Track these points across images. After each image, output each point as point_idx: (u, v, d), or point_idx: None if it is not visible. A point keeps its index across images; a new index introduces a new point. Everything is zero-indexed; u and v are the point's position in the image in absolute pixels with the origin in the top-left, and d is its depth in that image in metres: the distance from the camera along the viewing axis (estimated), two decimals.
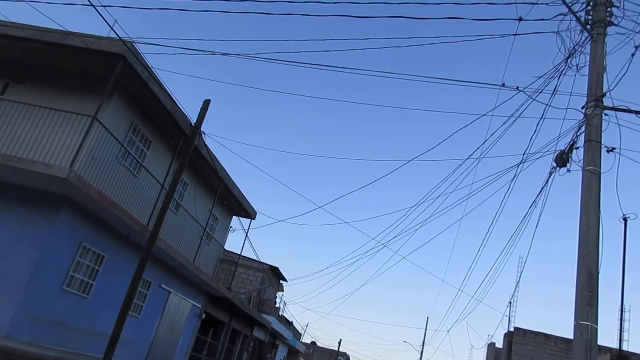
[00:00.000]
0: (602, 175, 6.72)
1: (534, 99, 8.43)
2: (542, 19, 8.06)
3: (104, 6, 8.59)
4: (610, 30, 7.51)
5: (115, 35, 10.16)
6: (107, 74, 11.21)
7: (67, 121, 11.28)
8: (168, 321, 16.70)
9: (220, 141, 30.35)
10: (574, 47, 7.82)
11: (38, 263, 10.30)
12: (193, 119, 12.91)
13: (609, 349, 18.55)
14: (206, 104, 12.91)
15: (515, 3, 8.21)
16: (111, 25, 9.48)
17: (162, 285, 15.87)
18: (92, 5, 8.24)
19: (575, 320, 6.13)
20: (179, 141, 14.23)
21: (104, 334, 12.32)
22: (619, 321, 15.19)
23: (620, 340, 15.36)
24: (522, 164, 8.90)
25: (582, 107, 7.20)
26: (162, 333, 16.41)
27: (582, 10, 7.75)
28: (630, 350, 17.78)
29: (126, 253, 13.45)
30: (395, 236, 12.20)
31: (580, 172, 6.84)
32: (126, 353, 14.07)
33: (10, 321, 9.82)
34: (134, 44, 10.95)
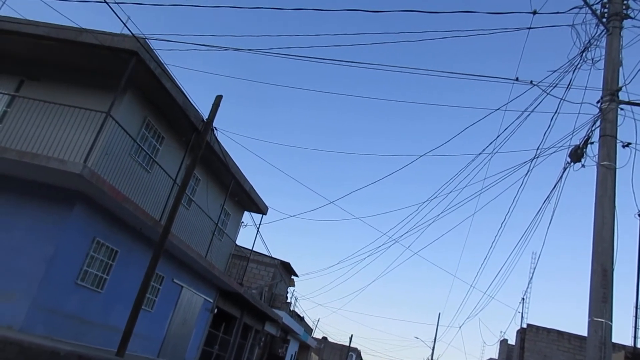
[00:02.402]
0: (617, 170, 6.63)
1: (548, 93, 8.34)
2: (557, 12, 7.96)
3: (117, 2, 8.65)
4: (626, 23, 7.41)
5: (129, 32, 10.23)
6: (120, 71, 11.28)
7: (80, 117, 11.38)
8: (180, 316, 16.83)
9: (232, 137, 30.50)
10: (589, 41, 7.72)
11: (52, 258, 10.43)
12: (205, 115, 12.98)
13: (624, 347, 18.36)
14: (218, 99, 12.97)
15: None
16: (124, 22, 9.54)
17: (175, 280, 15.99)
18: (106, 2, 8.30)
19: (589, 317, 6.07)
20: (191, 137, 14.30)
21: (117, 328, 12.45)
22: (634, 318, 15.01)
23: (635, 337, 15.18)
24: (535, 159, 8.82)
25: (597, 102, 7.12)
26: (175, 327, 16.55)
27: (597, 3, 7.64)
28: None
29: (139, 248, 13.57)
30: (407, 232, 12.17)
31: (595, 167, 6.76)
32: (139, 347, 14.22)
33: (25, 315, 9.96)
34: (146, 40, 11.02)
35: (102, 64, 11.94)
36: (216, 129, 13.41)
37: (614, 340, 6.04)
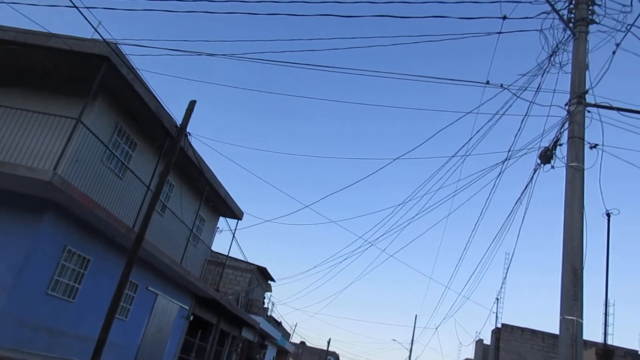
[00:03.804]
0: (585, 171, 6.80)
1: (518, 97, 8.51)
2: (526, 17, 8.14)
3: (87, 7, 8.51)
4: (592, 28, 7.61)
5: (99, 37, 10.07)
6: (91, 76, 11.09)
7: (50, 124, 11.14)
8: (156, 324, 16.58)
9: (207, 142, 30.27)
10: (557, 45, 7.92)
11: (22, 268, 10.16)
12: (179, 121, 12.85)
13: (594, 344, 18.79)
14: (192, 104, 12.85)
15: (500, 1, 8.28)
16: (95, 27, 9.39)
17: (149, 288, 15.75)
18: (75, 6, 8.15)
19: (561, 315, 6.20)
20: (165, 143, 14.14)
21: (90, 338, 12.19)
22: (604, 315, 15.39)
23: (605, 334, 15.57)
24: (507, 161, 8.98)
25: (566, 105, 7.29)
26: (150, 336, 16.29)
27: (564, 8, 7.84)
28: (615, 344, 18.03)
29: (112, 256, 13.33)
30: (383, 234, 12.25)
31: (564, 168, 6.92)
32: (113, 357, 13.94)
33: None
34: (118, 45, 10.86)
35: (72, 70, 11.72)
36: (190, 135, 13.29)
37: (585, 337, 6.17)
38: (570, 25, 7.67)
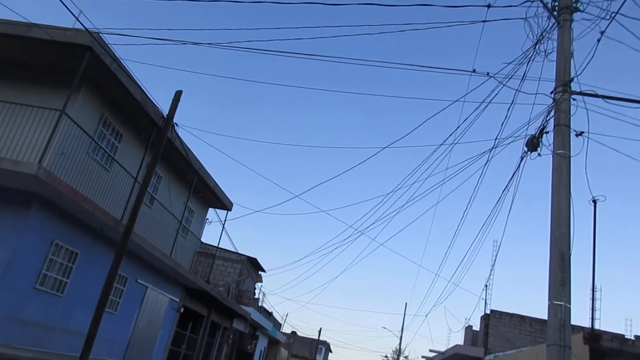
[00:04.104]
0: (571, 158, 6.85)
1: (504, 85, 8.53)
2: (510, 6, 8.14)
3: None
4: (576, 16, 7.62)
5: (82, 26, 9.90)
6: (74, 67, 10.92)
7: (34, 116, 10.98)
8: (146, 316, 16.54)
9: (195, 133, 30.02)
10: (541, 34, 7.92)
11: (9, 263, 10.05)
12: (165, 111, 12.73)
13: (582, 328, 19.08)
14: (178, 94, 12.74)
15: None
16: (76, 16, 9.22)
17: (139, 281, 15.68)
18: None
19: (549, 300, 6.27)
20: (151, 134, 14.01)
21: (80, 332, 12.13)
22: (591, 300, 15.61)
23: (593, 319, 15.80)
24: (494, 149, 9.02)
25: (551, 93, 7.32)
26: (140, 329, 16.25)
27: None
28: (602, 328, 18.31)
29: (100, 249, 13.23)
30: (373, 223, 12.26)
31: (551, 156, 6.96)
32: (104, 351, 13.90)
33: None
34: (101, 35, 10.69)
35: (54, 60, 11.54)
36: (177, 125, 13.19)
37: (572, 322, 6.25)
38: (555, 13, 7.67)
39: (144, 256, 15.11)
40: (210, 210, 21.66)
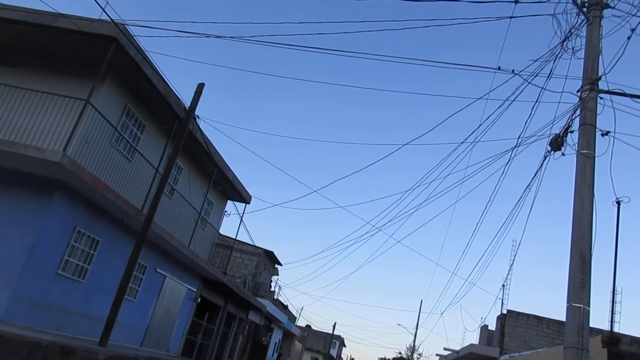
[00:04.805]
0: (596, 159, 6.73)
1: (529, 82, 8.40)
2: (539, 2, 8.00)
3: None
4: (606, 12, 7.47)
5: (108, 18, 10.02)
6: (99, 57, 11.07)
7: (59, 105, 11.17)
8: (164, 305, 16.76)
9: (215, 126, 30.25)
10: (570, 30, 7.78)
11: (32, 248, 10.27)
12: (187, 104, 12.84)
13: (601, 331, 18.78)
14: (200, 87, 12.84)
15: None
16: (103, 8, 9.35)
17: (158, 270, 15.90)
18: None
19: (567, 302, 6.18)
20: (173, 125, 14.15)
21: (100, 317, 12.35)
22: (611, 303, 15.34)
23: (612, 322, 15.54)
24: (516, 148, 8.90)
25: (578, 91, 7.19)
26: (158, 317, 16.48)
27: None
28: (622, 332, 18.01)
29: (121, 237, 13.44)
30: (390, 220, 12.23)
31: (575, 155, 6.85)
32: (122, 337, 14.14)
33: (6, 306, 9.82)
34: (126, 26, 10.81)
35: (80, 50, 11.70)
36: (198, 117, 13.29)
37: (591, 324, 6.16)
38: (584, 9, 7.53)
39: (163, 246, 15.30)
40: (229, 202, 21.82)
